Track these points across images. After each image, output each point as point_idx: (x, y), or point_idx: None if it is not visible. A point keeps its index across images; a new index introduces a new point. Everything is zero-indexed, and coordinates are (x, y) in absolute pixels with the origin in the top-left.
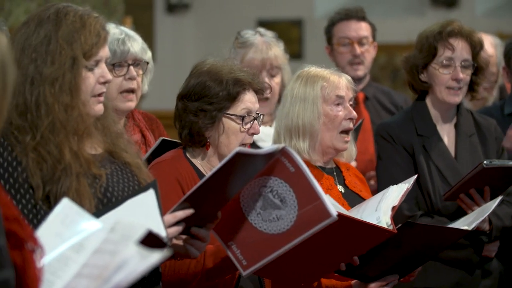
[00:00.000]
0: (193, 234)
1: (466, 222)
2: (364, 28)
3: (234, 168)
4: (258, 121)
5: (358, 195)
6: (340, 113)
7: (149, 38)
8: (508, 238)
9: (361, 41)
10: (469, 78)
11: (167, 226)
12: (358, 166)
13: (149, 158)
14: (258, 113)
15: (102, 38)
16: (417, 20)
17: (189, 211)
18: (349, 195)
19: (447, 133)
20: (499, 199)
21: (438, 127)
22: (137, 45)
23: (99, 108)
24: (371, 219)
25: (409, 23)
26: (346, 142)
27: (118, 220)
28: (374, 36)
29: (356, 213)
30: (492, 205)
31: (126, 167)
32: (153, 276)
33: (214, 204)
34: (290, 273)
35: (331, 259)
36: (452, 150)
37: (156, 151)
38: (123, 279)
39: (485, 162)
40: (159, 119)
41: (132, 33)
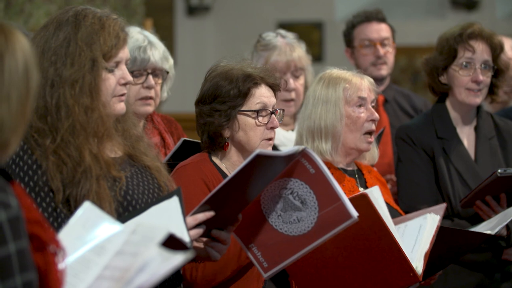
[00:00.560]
0: (214, 236)
1: (488, 226)
2: (385, 29)
3: (254, 170)
4: (277, 116)
5: None
6: (362, 114)
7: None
8: None
9: (383, 42)
10: (489, 80)
11: (188, 229)
12: (376, 169)
13: (170, 159)
14: (276, 109)
15: (122, 39)
16: (437, 23)
17: (209, 214)
18: None
19: (467, 136)
20: None
21: (458, 130)
22: (158, 53)
23: (121, 107)
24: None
25: (429, 25)
26: (370, 143)
27: (139, 222)
28: (394, 37)
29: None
30: None
31: (146, 170)
32: (174, 279)
33: (234, 207)
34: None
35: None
36: (472, 153)
37: (178, 152)
38: (145, 281)
39: (499, 171)
40: (179, 122)
41: (155, 40)
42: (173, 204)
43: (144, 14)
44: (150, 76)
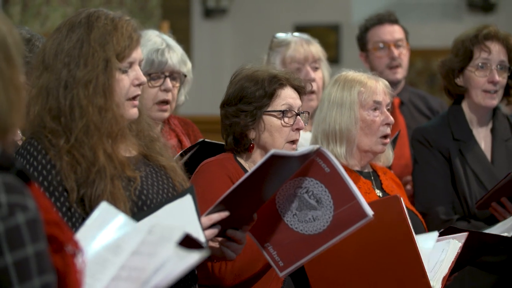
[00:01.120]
0: (229, 236)
1: (504, 228)
2: (398, 31)
3: (269, 170)
4: (302, 117)
5: None
6: (377, 118)
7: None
8: None
9: (396, 44)
10: (505, 81)
11: (203, 229)
12: (394, 171)
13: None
14: (302, 111)
15: (135, 40)
16: (454, 25)
17: (224, 213)
18: None
19: (483, 138)
20: None
21: (474, 132)
22: (176, 57)
23: (134, 112)
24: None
25: (446, 28)
26: (385, 145)
27: (156, 222)
28: (407, 39)
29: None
30: None
31: (161, 169)
32: (190, 279)
33: (249, 206)
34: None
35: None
36: (488, 154)
37: (196, 154)
38: (161, 281)
39: None
40: (196, 124)
41: (173, 43)
42: (186, 203)
43: (161, 16)
44: (168, 79)
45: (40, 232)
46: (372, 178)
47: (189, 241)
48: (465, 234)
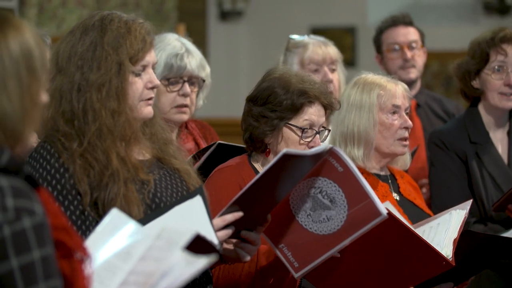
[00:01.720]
0: (243, 237)
1: None
2: (412, 33)
3: (282, 170)
4: (321, 136)
5: (412, 203)
6: (396, 121)
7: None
8: None
9: (410, 45)
10: None
11: (216, 230)
12: (410, 174)
13: (205, 162)
14: (323, 128)
15: (148, 43)
16: (470, 28)
17: (238, 214)
18: (404, 203)
19: (500, 140)
20: None
21: (491, 134)
22: (195, 61)
23: (148, 110)
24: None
25: (462, 30)
26: (405, 146)
27: (164, 226)
28: (423, 41)
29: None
30: None
31: (175, 172)
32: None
33: (263, 207)
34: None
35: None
36: (505, 157)
37: (212, 156)
38: (169, 286)
39: None
40: (212, 126)
41: (192, 48)
42: (197, 204)
43: (177, 19)
44: (186, 84)
45: (47, 237)
46: (390, 182)
47: (201, 243)
48: (468, 202)
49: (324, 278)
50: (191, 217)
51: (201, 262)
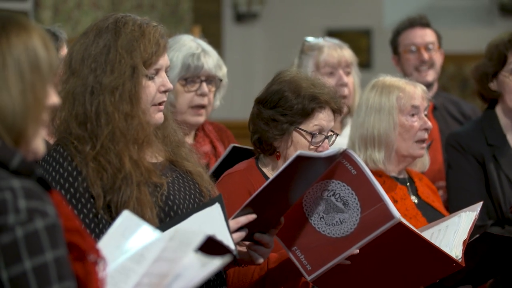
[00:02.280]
0: (256, 240)
1: None
2: (429, 34)
3: (295, 172)
4: (330, 140)
5: (430, 206)
6: (415, 123)
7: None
8: None
9: (427, 47)
10: None
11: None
12: (426, 176)
13: (220, 165)
14: (332, 132)
15: (162, 46)
16: (486, 30)
17: (251, 217)
18: (422, 206)
19: None
20: None
21: (508, 137)
22: (212, 61)
23: (159, 116)
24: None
25: (478, 32)
26: (423, 149)
27: (177, 228)
28: (440, 42)
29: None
30: None
31: (188, 175)
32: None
33: (276, 209)
34: None
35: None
36: None
37: (228, 159)
38: (183, 287)
39: None
40: (228, 129)
41: (209, 48)
42: (215, 212)
43: (192, 21)
44: (204, 84)
45: (59, 238)
46: (408, 184)
47: (217, 248)
48: (479, 204)
49: (334, 286)
50: (210, 224)
51: (215, 263)
